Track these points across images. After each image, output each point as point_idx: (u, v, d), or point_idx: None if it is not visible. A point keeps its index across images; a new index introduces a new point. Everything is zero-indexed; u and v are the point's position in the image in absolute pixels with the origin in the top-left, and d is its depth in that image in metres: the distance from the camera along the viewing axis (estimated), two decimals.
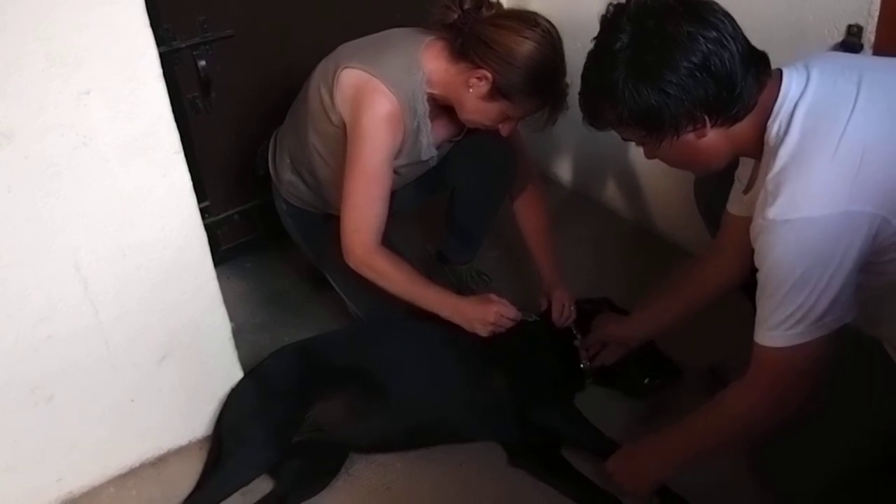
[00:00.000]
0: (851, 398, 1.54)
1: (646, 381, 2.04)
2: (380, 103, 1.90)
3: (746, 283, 1.46)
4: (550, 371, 2.03)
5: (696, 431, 1.64)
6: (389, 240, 2.02)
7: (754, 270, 1.45)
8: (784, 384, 1.45)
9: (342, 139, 1.98)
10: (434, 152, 2.10)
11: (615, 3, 1.45)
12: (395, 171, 2.02)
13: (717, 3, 1.40)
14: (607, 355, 2.04)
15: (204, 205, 1.92)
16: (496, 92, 1.90)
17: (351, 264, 1.98)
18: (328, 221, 2.18)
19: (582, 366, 2.04)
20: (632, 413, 2.03)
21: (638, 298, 2.07)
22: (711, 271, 1.84)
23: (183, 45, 2.23)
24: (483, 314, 1.96)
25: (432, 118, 2.02)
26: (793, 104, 1.39)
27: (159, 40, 1.63)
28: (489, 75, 1.87)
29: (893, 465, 1.59)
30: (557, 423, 1.96)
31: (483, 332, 1.96)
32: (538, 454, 1.92)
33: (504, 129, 2.02)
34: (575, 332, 2.08)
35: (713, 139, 1.45)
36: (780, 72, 1.44)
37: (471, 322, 1.96)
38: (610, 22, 1.44)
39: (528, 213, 2.28)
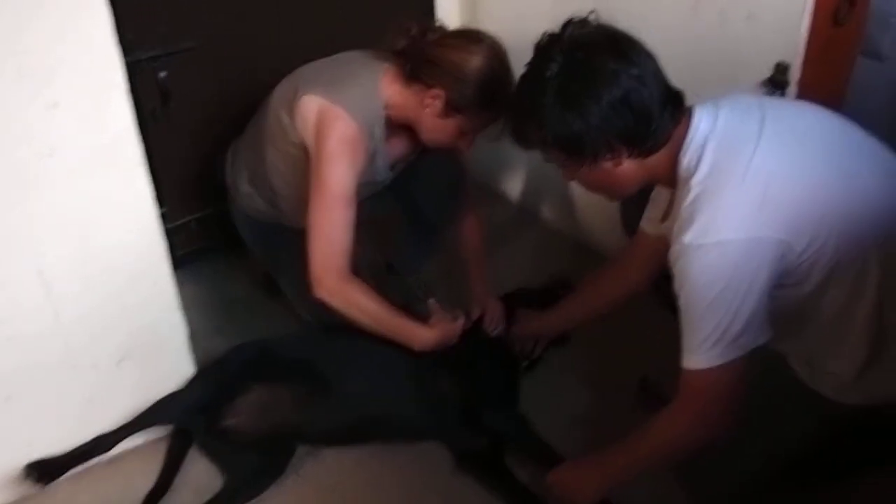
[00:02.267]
0: (764, 410, 1.62)
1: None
2: (342, 130, 1.93)
3: (671, 301, 1.54)
4: (490, 370, 2.15)
5: (633, 453, 1.70)
6: None
7: (659, 281, 1.55)
8: (708, 405, 1.52)
9: (302, 159, 2.02)
10: (388, 174, 2.17)
11: (550, 32, 1.54)
12: None
13: (642, 44, 1.50)
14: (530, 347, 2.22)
15: (161, 211, 1.98)
16: (450, 108, 1.96)
17: (323, 295, 1.95)
18: (283, 231, 2.23)
19: (525, 363, 2.21)
20: (572, 422, 2.12)
21: None
22: (621, 278, 1.98)
23: (144, 57, 2.27)
24: (448, 337, 2.03)
25: (387, 138, 2.07)
26: (703, 139, 1.48)
27: (121, 52, 1.67)
28: (442, 93, 1.94)
29: (801, 468, 1.70)
30: (505, 427, 2.04)
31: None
32: (483, 460, 2.00)
33: (464, 145, 2.09)
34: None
35: (628, 168, 1.54)
36: (691, 109, 1.54)
37: (439, 346, 2.02)
38: (543, 50, 1.53)
39: (468, 236, 2.36)
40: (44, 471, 1.85)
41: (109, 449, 1.95)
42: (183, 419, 2.03)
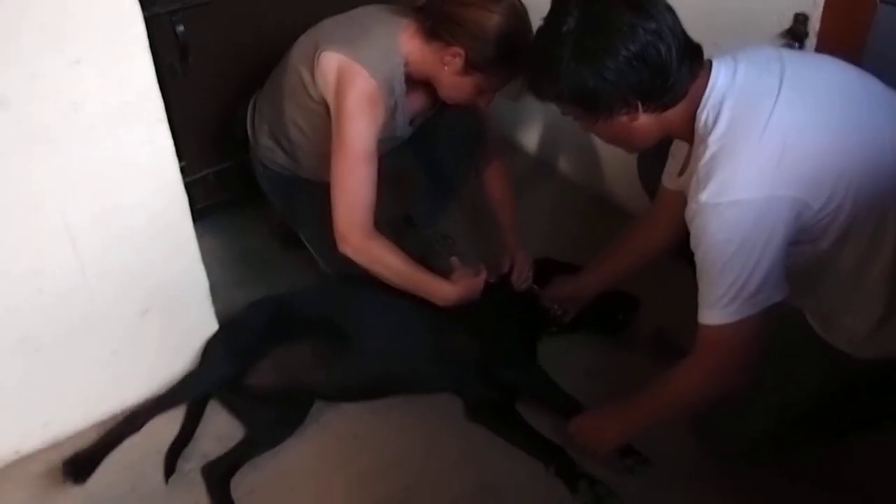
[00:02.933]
0: (777, 361, 1.64)
1: (620, 317, 2.23)
2: (361, 87, 1.94)
3: (688, 253, 1.55)
4: (511, 326, 2.16)
5: (651, 405, 1.74)
6: None
7: (686, 240, 1.55)
8: (724, 360, 1.55)
9: (322, 114, 2.03)
10: (408, 129, 2.17)
11: None
12: None
13: None
14: (567, 310, 2.20)
15: (180, 165, 2.00)
16: (470, 66, 1.95)
17: (348, 251, 1.97)
18: (302, 184, 2.25)
19: (554, 329, 2.21)
20: (585, 376, 2.15)
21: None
22: (648, 237, 1.98)
23: (162, 11, 2.26)
24: (471, 292, 2.03)
25: (406, 93, 2.07)
26: (721, 95, 1.48)
27: (139, 6, 1.68)
28: (461, 51, 1.93)
29: (812, 423, 1.74)
30: (524, 380, 2.07)
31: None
32: (494, 410, 2.03)
33: (483, 102, 2.09)
34: (535, 288, 2.23)
35: (644, 122, 1.54)
36: (710, 63, 1.52)
37: (462, 301, 2.02)
38: (560, 3, 1.51)
39: (494, 185, 2.37)
40: (80, 466, 1.88)
41: (139, 428, 1.97)
42: (209, 390, 2.06)
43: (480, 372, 2.06)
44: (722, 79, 1.50)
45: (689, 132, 1.55)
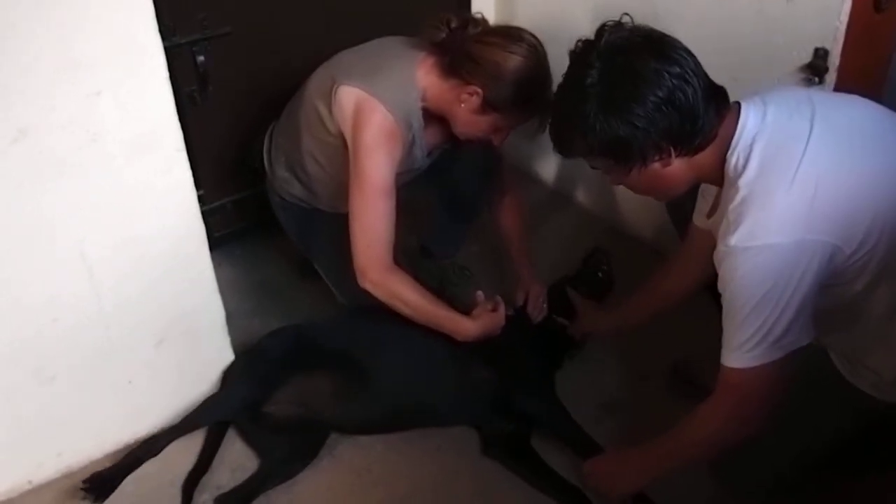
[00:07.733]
0: (799, 401, 1.60)
1: (600, 275, 2.35)
2: (379, 122, 1.94)
3: (712, 286, 1.53)
4: (529, 358, 2.15)
5: (670, 449, 1.71)
6: None
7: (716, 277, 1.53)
8: (746, 404, 1.52)
9: (339, 147, 2.03)
10: (426, 161, 2.17)
11: (584, 39, 1.52)
12: None
13: (678, 41, 1.48)
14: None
15: (198, 194, 2.01)
16: (487, 106, 1.96)
17: (368, 286, 1.97)
18: (319, 215, 2.26)
19: (575, 353, 2.23)
20: (601, 408, 2.13)
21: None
22: (678, 275, 1.96)
23: (183, 42, 2.28)
24: (492, 328, 2.03)
25: (424, 127, 2.07)
26: (751, 138, 1.46)
27: (161, 37, 1.68)
28: (479, 90, 1.94)
29: (837, 462, 1.70)
30: (543, 414, 2.05)
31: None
32: (510, 445, 2.01)
33: (497, 140, 2.09)
34: (559, 319, 2.23)
35: (677, 168, 1.52)
36: (738, 105, 1.51)
37: (481, 337, 2.01)
38: (580, 58, 1.51)
39: (508, 217, 2.37)
40: (99, 486, 1.89)
41: (158, 452, 1.98)
42: (227, 416, 2.07)
43: (499, 404, 2.04)
44: (752, 121, 1.48)
45: (719, 175, 1.54)
